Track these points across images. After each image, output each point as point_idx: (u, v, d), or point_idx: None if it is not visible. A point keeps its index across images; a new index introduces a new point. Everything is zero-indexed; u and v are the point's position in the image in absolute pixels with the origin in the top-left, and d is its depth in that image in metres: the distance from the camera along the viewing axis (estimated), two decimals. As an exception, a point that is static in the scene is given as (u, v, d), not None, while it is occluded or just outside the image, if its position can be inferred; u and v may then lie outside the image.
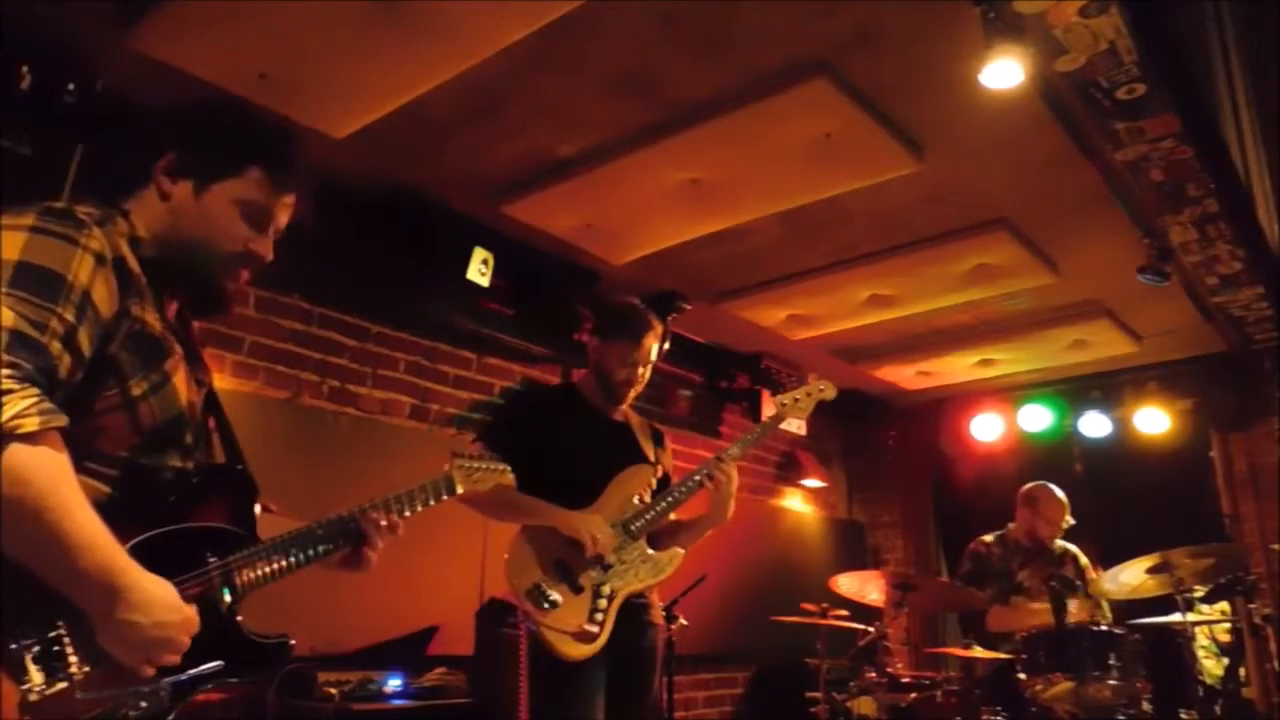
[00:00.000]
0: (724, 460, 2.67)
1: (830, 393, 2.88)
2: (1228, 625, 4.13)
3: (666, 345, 4.91)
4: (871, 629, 3.93)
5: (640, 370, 2.77)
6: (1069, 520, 4.38)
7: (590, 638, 2.46)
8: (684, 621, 3.46)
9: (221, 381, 3.59)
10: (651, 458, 2.81)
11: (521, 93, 3.12)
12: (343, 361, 4.04)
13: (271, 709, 2.94)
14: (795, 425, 6.25)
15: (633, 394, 2.82)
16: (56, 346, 1.19)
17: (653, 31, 2.81)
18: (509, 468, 1.93)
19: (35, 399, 1.13)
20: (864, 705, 3.91)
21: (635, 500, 2.68)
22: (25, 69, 2.81)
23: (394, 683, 3.25)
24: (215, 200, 1.43)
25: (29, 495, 1.12)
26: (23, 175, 2.77)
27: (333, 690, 3.06)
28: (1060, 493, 4.42)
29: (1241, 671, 3.93)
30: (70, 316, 1.21)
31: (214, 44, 2.75)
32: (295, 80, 2.90)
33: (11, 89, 2.78)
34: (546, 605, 2.45)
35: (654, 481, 2.77)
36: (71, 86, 2.88)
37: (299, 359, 3.88)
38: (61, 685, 1.17)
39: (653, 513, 2.64)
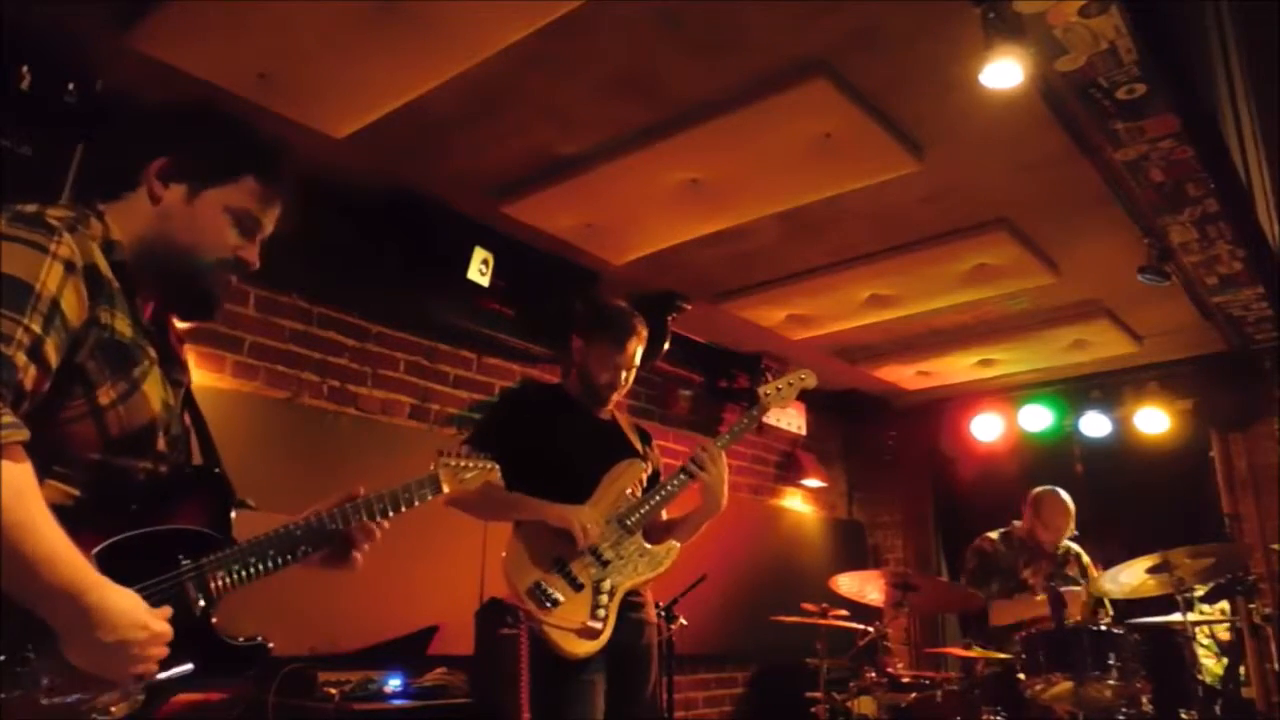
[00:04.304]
0: (711, 450, 2.68)
1: (811, 381, 2.89)
2: (1228, 625, 4.14)
3: (666, 345, 4.93)
4: (871, 629, 3.93)
5: (623, 374, 2.78)
6: (1072, 530, 4.37)
7: (594, 634, 2.46)
8: (684, 621, 3.46)
9: (221, 381, 3.59)
10: (641, 453, 2.82)
11: (521, 93, 3.12)
12: (343, 361, 4.04)
13: (271, 709, 2.94)
14: (794, 425, 6.27)
15: (616, 396, 2.83)
16: (22, 358, 1.17)
17: (653, 31, 2.81)
18: (496, 465, 1.92)
19: None
20: (864, 705, 3.90)
21: (629, 494, 2.69)
22: (25, 69, 2.80)
23: (394, 683, 3.24)
24: (207, 206, 1.43)
25: None
26: (23, 175, 2.77)
27: (333, 690, 3.05)
28: (1068, 501, 4.39)
29: (1241, 671, 3.93)
30: (37, 327, 1.19)
31: (214, 44, 2.75)
32: (295, 80, 2.91)
33: (11, 89, 2.78)
34: (549, 604, 2.45)
35: (645, 477, 2.78)
36: (71, 86, 2.88)
37: (299, 359, 3.88)
38: (26, 691, 1.16)
39: (647, 506, 2.65)
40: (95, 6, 2.68)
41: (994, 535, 4.49)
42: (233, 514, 1.47)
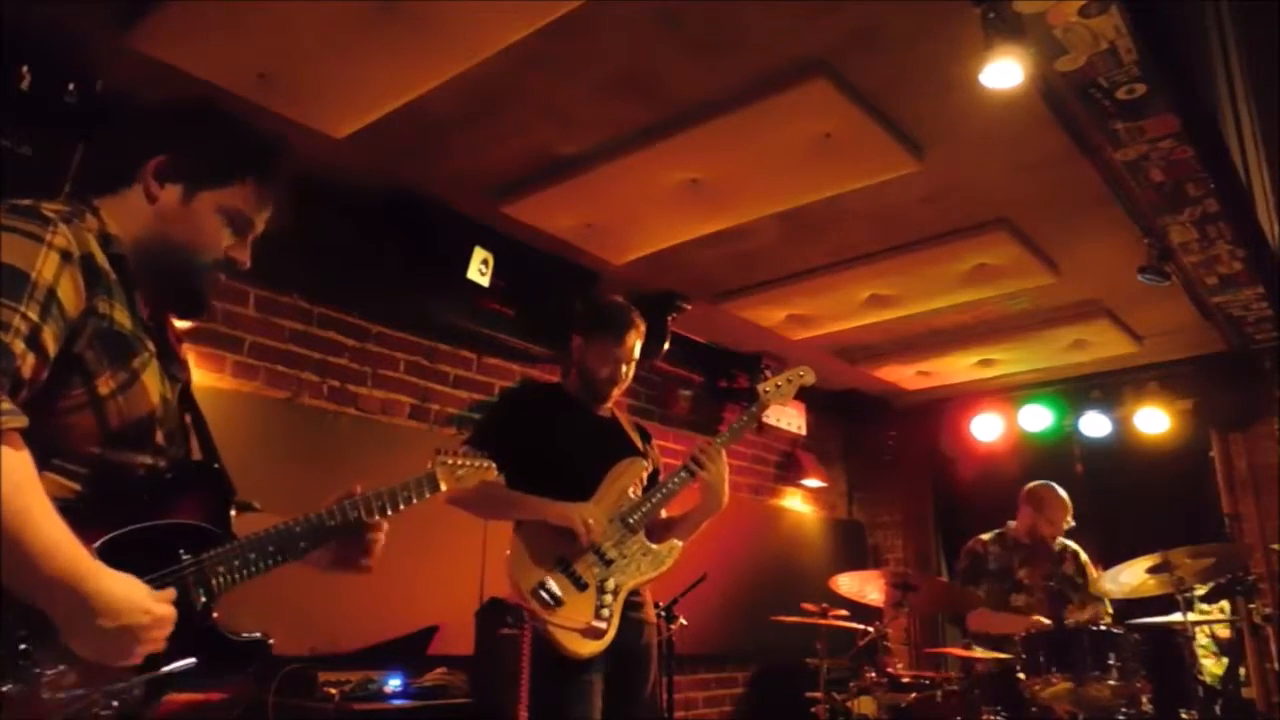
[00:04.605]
0: (711, 448, 2.68)
1: (810, 378, 2.89)
2: (1228, 625, 4.14)
3: (666, 345, 4.93)
4: (871, 629, 3.93)
5: (623, 368, 2.78)
6: (1070, 522, 4.38)
7: (599, 634, 2.46)
8: (684, 621, 3.46)
9: (221, 381, 3.59)
10: (641, 451, 2.82)
11: (521, 93, 3.12)
12: (343, 361, 4.04)
13: (271, 709, 2.94)
14: (794, 425, 6.26)
15: (617, 391, 2.83)
16: (20, 346, 1.17)
17: (653, 31, 2.81)
18: (493, 463, 1.92)
19: None
20: (864, 705, 3.90)
21: (630, 493, 2.69)
22: (25, 69, 2.80)
23: (394, 683, 3.24)
24: (203, 207, 1.43)
25: None
26: (23, 175, 2.77)
27: (333, 690, 3.05)
28: (1064, 494, 4.42)
29: (1241, 671, 3.94)
30: (34, 315, 1.19)
31: (214, 44, 2.75)
32: (295, 80, 2.91)
33: (11, 89, 2.78)
34: (553, 603, 2.45)
35: (645, 476, 2.78)
36: (71, 86, 2.88)
37: (299, 359, 3.88)
38: (26, 686, 1.15)
39: (649, 505, 2.65)
40: (95, 6, 2.68)
41: (986, 537, 4.49)
42: (232, 510, 1.47)
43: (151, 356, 1.38)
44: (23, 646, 1.16)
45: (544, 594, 2.46)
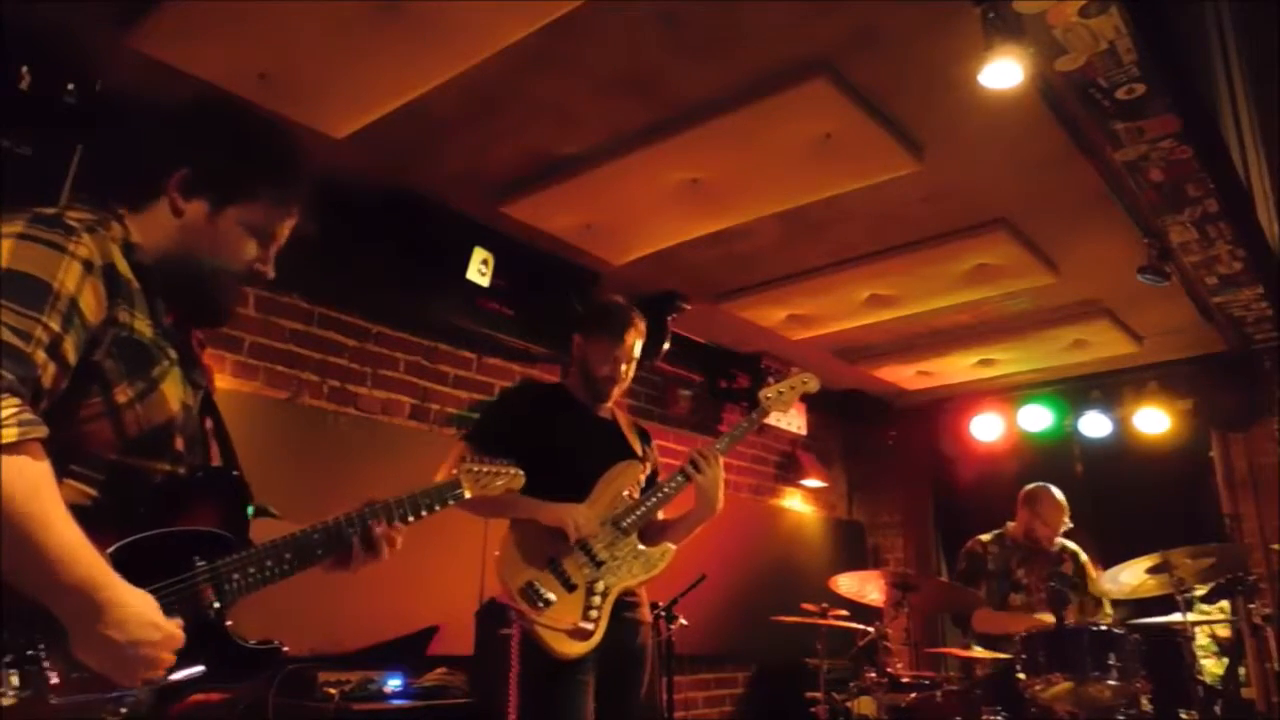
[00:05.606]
0: (709, 453, 2.68)
1: (813, 385, 2.89)
2: (1227, 625, 4.14)
3: (666, 345, 4.93)
4: (871, 629, 3.93)
5: (623, 367, 2.78)
6: (1067, 524, 4.38)
7: (585, 635, 2.46)
8: (684, 621, 3.46)
9: (221, 381, 3.56)
10: (639, 454, 2.82)
11: (521, 93, 3.12)
12: (343, 361, 4.04)
13: (272, 709, 2.94)
14: (794, 425, 6.26)
15: (617, 391, 2.83)
16: (41, 356, 1.18)
17: (653, 31, 2.81)
18: (520, 471, 1.91)
19: (15, 409, 1.12)
20: (864, 705, 3.91)
21: (625, 496, 2.69)
22: (25, 69, 2.80)
23: (394, 683, 3.25)
24: (227, 222, 1.43)
25: (6, 507, 1.10)
26: (23, 175, 2.77)
27: (333, 690, 3.06)
28: (1061, 496, 4.41)
29: (1241, 671, 3.94)
30: (55, 325, 1.20)
31: (214, 44, 2.75)
32: (295, 80, 2.91)
33: (11, 89, 2.78)
34: (541, 604, 2.45)
35: (642, 478, 2.78)
36: (71, 86, 2.88)
37: (299, 359, 3.88)
38: (35, 691, 1.15)
39: (643, 509, 2.65)
40: (95, 6, 2.69)
41: (986, 537, 4.49)
42: (249, 515, 1.46)
43: (172, 364, 1.39)
44: (30, 652, 1.16)
45: (532, 594, 2.46)
